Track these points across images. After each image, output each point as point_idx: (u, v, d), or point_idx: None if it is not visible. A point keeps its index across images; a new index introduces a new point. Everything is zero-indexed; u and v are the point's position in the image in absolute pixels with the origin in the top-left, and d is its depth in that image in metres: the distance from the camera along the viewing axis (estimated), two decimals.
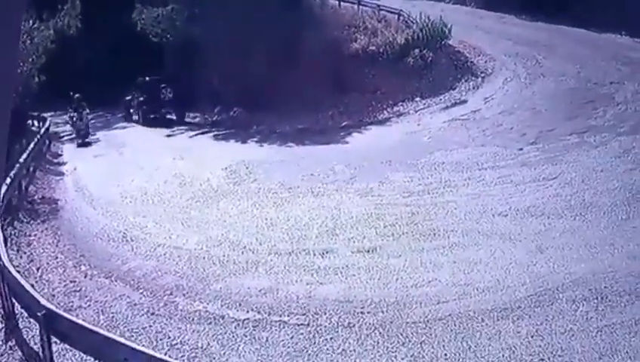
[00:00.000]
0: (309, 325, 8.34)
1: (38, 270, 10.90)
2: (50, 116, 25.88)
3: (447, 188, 14.16)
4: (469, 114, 21.55)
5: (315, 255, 10.81)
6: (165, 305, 9.31)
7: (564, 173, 14.22)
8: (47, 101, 24.64)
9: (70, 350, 7.26)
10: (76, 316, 8.04)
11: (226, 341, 8.06)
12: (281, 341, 7.98)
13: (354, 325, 8.25)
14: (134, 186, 16.49)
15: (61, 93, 24.77)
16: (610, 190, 12.74)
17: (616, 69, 22.54)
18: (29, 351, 7.90)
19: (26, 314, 7.85)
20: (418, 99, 24.32)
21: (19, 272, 8.73)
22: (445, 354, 7.38)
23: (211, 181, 16.52)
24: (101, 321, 8.66)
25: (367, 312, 8.60)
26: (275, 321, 8.50)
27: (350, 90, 25.20)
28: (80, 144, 23.59)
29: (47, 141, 22.95)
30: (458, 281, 9.31)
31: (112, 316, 9.02)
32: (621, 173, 13.76)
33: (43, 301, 7.12)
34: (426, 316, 8.36)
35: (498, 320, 8.10)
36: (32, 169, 18.01)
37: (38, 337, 7.33)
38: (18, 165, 15.12)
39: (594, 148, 15.82)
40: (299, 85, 22.97)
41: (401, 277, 9.61)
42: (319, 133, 22.19)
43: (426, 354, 7.41)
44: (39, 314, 6.80)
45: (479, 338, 7.64)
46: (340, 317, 8.50)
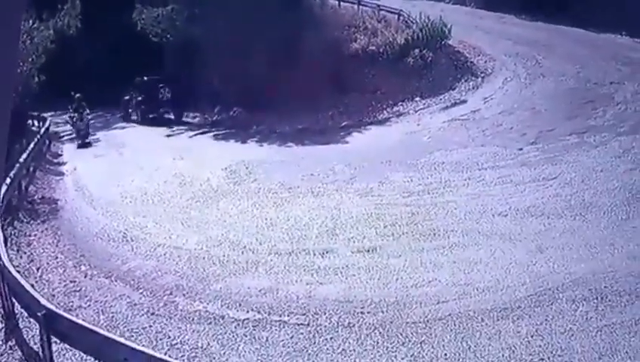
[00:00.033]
0: (309, 325, 8.34)
1: (38, 270, 10.90)
2: (50, 116, 25.84)
3: (447, 188, 14.16)
4: (468, 114, 21.54)
5: (315, 255, 10.82)
6: (165, 304, 9.31)
7: (564, 173, 14.23)
8: (47, 101, 24.61)
9: (70, 350, 7.26)
10: (76, 316, 8.04)
11: (226, 341, 8.07)
12: (281, 341, 7.98)
13: (354, 325, 8.25)
14: (134, 186, 16.48)
15: (61, 93, 24.73)
16: (610, 190, 12.74)
17: (616, 69, 22.53)
18: (28, 350, 7.90)
19: (26, 314, 7.85)
20: (418, 99, 24.31)
21: (19, 272, 8.73)
22: (445, 354, 7.38)
23: (211, 181, 16.53)
24: (101, 321, 8.66)
25: (367, 312, 8.60)
26: (275, 321, 8.51)
27: (350, 90, 25.20)
28: (80, 145, 23.47)
29: (47, 141, 22.93)
30: (458, 281, 9.32)
31: (112, 316, 9.02)
32: (621, 173, 13.76)
33: (43, 301, 7.11)
34: (426, 316, 8.37)
35: (498, 319, 8.10)
36: (32, 169, 18.00)
37: (38, 337, 7.33)
38: (18, 165, 15.11)
39: (594, 148, 15.83)
40: (299, 85, 22.94)
41: (401, 277, 9.61)
42: (319, 133, 22.19)
43: (426, 354, 7.41)
44: (39, 313, 6.80)
45: (479, 338, 7.64)
46: (340, 317, 8.50)
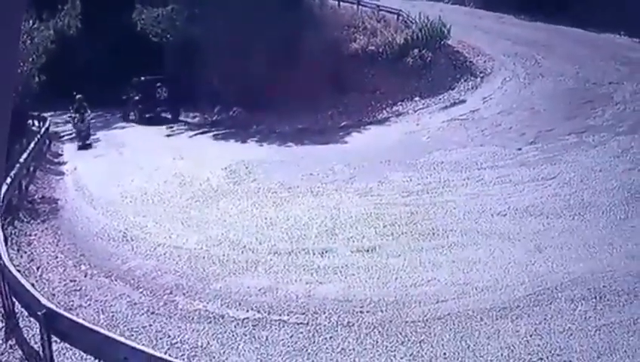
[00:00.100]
0: (308, 324, 8.36)
1: (38, 269, 10.92)
2: (50, 116, 25.85)
3: (446, 187, 14.18)
4: (467, 114, 21.56)
5: (315, 254, 10.83)
6: (165, 304, 9.33)
7: (562, 172, 14.24)
8: (47, 101, 24.60)
9: (70, 349, 7.28)
10: (76, 315, 8.05)
11: (226, 340, 8.08)
12: (281, 340, 7.99)
13: (353, 324, 8.27)
14: (134, 186, 16.50)
15: (61, 93, 24.73)
16: (609, 190, 12.76)
17: (615, 69, 22.54)
18: (29, 350, 7.92)
19: (27, 313, 7.87)
20: (417, 98, 24.32)
21: (19, 271, 8.74)
22: (444, 353, 7.40)
23: (211, 181, 16.54)
24: (101, 320, 8.68)
25: (367, 311, 8.61)
26: (275, 320, 8.52)
27: (349, 90, 25.21)
28: (81, 146, 23.32)
29: (47, 141, 22.93)
30: (457, 280, 9.33)
31: (112, 315, 9.03)
32: (620, 172, 13.78)
33: (43, 300, 7.12)
34: (425, 315, 8.38)
35: (497, 319, 8.12)
36: (32, 168, 18.01)
37: (38, 336, 7.35)
38: (18, 165, 15.12)
39: (593, 148, 15.84)
40: (298, 85, 22.95)
41: (401, 277, 9.63)
42: (319, 133, 22.20)
43: (425, 353, 7.43)
44: (39, 313, 6.81)
45: (478, 338, 7.66)
46: (340, 317, 8.51)
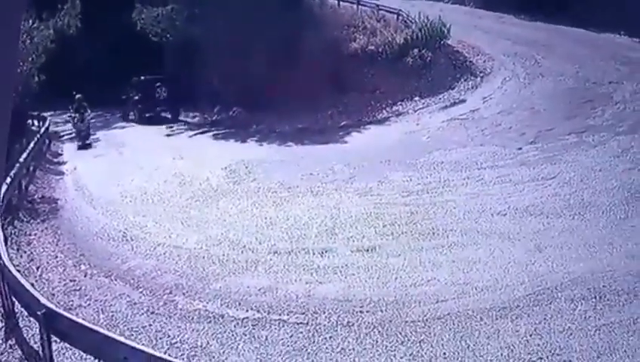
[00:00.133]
0: (308, 324, 8.35)
1: (38, 269, 10.91)
2: (50, 115, 25.86)
3: (446, 187, 14.18)
4: (467, 113, 21.56)
5: (315, 254, 10.83)
6: (165, 304, 9.33)
7: (562, 172, 14.24)
8: (47, 100, 24.59)
9: (70, 349, 7.28)
10: (76, 315, 8.05)
11: (226, 339, 8.08)
12: (281, 339, 7.99)
13: (353, 324, 8.26)
14: (134, 185, 16.50)
15: (61, 93, 24.72)
16: (609, 189, 12.76)
17: (615, 68, 22.54)
18: (28, 349, 7.91)
19: (26, 313, 7.87)
20: (417, 98, 24.32)
21: (19, 271, 8.74)
22: (444, 353, 7.40)
23: (211, 180, 16.54)
24: (101, 320, 8.68)
25: (366, 311, 8.61)
26: (275, 320, 8.52)
27: (349, 90, 25.21)
28: (81, 146, 23.27)
29: (47, 140, 22.93)
30: (457, 280, 9.33)
31: (112, 315, 9.03)
32: (620, 172, 13.78)
33: (43, 300, 7.12)
34: (425, 315, 8.38)
35: (497, 319, 8.11)
36: (32, 168, 18.00)
37: (37, 336, 7.34)
38: (18, 164, 15.11)
39: (592, 148, 15.84)
40: (298, 85, 22.96)
41: (400, 276, 9.62)
42: (318, 133, 22.20)
43: (425, 353, 7.43)
44: (39, 312, 6.81)
45: (478, 337, 7.66)
46: (339, 316, 8.51)
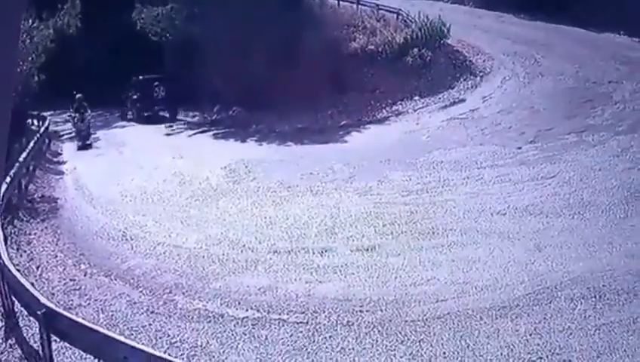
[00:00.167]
0: (308, 323, 8.36)
1: (37, 268, 10.92)
2: (50, 115, 25.85)
3: (445, 186, 14.18)
4: (467, 113, 21.56)
5: (314, 253, 10.83)
6: (165, 303, 9.33)
7: (562, 171, 14.25)
8: (46, 100, 24.60)
9: (70, 348, 7.28)
10: (76, 314, 8.05)
11: (226, 339, 8.08)
12: (281, 339, 7.99)
13: (353, 323, 8.27)
14: (134, 185, 16.50)
15: (61, 92, 24.73)
16: (609, 189, 12.76)
17: (615, 68, 22.53)
18: (28, 349, 7.91)
19: (26, 313, 7.87)
20: (417, 98, 24.32)
21: (19, 271, 8.74)
22: (444, 353, 7.40)
23: (211, 180, 16.55)
24: (101, 320, 8.68)
25: (366, 310, 8.61)
26: (275, 319, 8.52)
27: (349, 90, 25.21)
28: (80, 146, 23.21)
29: (46, 140, 22.92)
30: (457, 280, 9.33)
31: (112, 314, 9.04)
32: (619, 171, 13.78)
33: (43, 299, 7.13)
34: (425, 314, 8.38)
35: (496, 318, 8.12)
36: (31, 168, 18.00)
37: (37, 335, 7.34)
38: (18, 164, 15.12)
39: (592, 147, 15.85)
40: (298, 84, 22.96)
41: (400, 276, 9.63)
42: (318, 132, 22.21)
43: (425, 353, 7.43)
44: (39, 312, 6.81)
45: (477, 337, 7.66)
46: (339, 316, 8.51)
